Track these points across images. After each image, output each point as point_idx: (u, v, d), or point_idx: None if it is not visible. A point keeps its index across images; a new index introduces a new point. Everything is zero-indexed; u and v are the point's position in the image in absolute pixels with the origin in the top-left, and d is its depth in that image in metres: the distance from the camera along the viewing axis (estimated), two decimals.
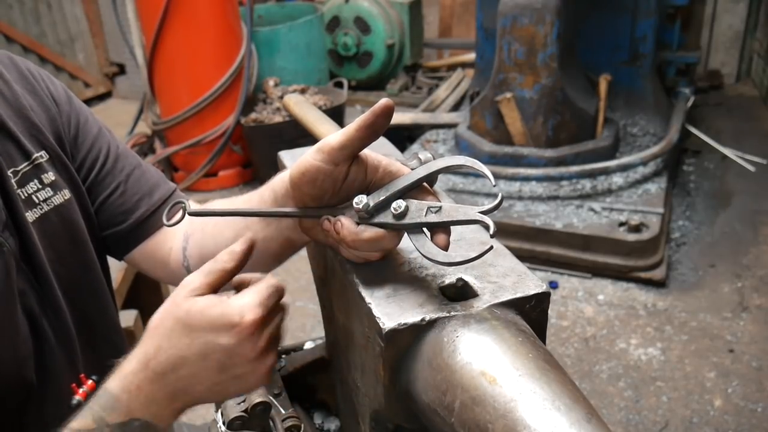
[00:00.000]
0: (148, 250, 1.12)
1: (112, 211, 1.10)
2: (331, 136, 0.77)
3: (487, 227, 0.70)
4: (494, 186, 0.74)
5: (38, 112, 1.02)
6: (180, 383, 0.77)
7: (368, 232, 0.76)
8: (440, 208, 0.74)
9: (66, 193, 1.02)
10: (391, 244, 0.78)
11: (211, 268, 0.79)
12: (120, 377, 0.78)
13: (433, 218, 0.74)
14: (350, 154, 0.77)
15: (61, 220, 1.01)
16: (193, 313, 0.75)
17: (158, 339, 0.77)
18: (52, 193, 1.00)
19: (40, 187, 0.99)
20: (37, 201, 0.98)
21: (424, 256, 0.74)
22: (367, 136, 0.76)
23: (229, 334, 0.74)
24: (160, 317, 0.78)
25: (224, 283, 0.80)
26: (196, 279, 0.78)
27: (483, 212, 0.72)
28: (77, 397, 0.98)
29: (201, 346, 0.75)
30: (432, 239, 0.75)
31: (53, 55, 6.35)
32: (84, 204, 1.06)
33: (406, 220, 0.75)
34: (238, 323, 0.74)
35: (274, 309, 0.78)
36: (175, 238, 1.11)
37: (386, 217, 0.76)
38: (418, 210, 0.75)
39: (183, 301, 0.76)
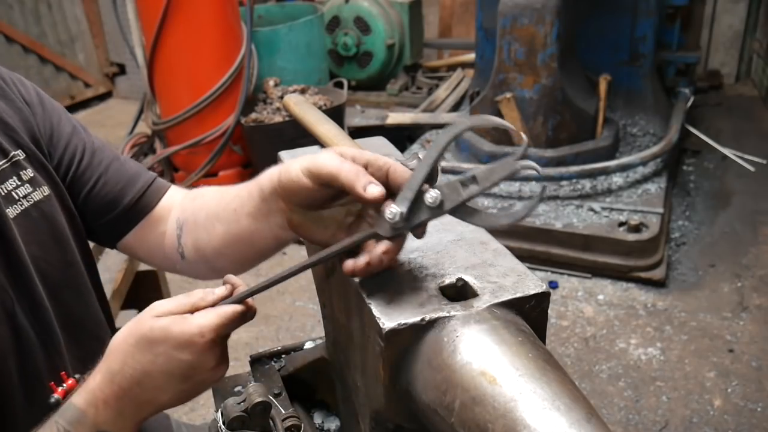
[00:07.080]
0: (139, 235, 1.13)
1: (98, 202, 1.11)
2: (325, 158, 0.78)
3: (535, 169, 0.70)
4: (513, 129, 0.74)
5: (10, 114, 1.03)
6: (145, 395, 0.82)
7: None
8: (474, 177, 0.71)
9: (45, 190, 1.02)
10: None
11: (183, 302, 0.83)
12: (86, 392, 0.83)
13: (475, 189, 0.71)
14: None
15: (41, 216, 1.01)
16: (156, 330, 0.80)
17: (122, 355, 0.81)
18: (31, 189, 1.00)
19: (19, 183, 0.99)
20: (17, 197, 0.98)
21: (486, 227, 0.72)
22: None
23: (190, 350, 0.80)
24: (123, 334, 0.83)
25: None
26: (164, 305, 0.82)
27: (519, 159, 0.70)
28: (56, 396, 0.96)
29: (164, 361, 0.81)
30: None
31: (53, 56, 6.34)
32: (65, 202, 1.07)
33: (447, 206, 0.72)
34: (197, 342, 0.80)
35: (232, 324, 0.83)
36: (168, 222, 1.12)
37: (423, 214, 0.73)
38: (452, 191, 0.72)
39: (147, 320, 0.81)
